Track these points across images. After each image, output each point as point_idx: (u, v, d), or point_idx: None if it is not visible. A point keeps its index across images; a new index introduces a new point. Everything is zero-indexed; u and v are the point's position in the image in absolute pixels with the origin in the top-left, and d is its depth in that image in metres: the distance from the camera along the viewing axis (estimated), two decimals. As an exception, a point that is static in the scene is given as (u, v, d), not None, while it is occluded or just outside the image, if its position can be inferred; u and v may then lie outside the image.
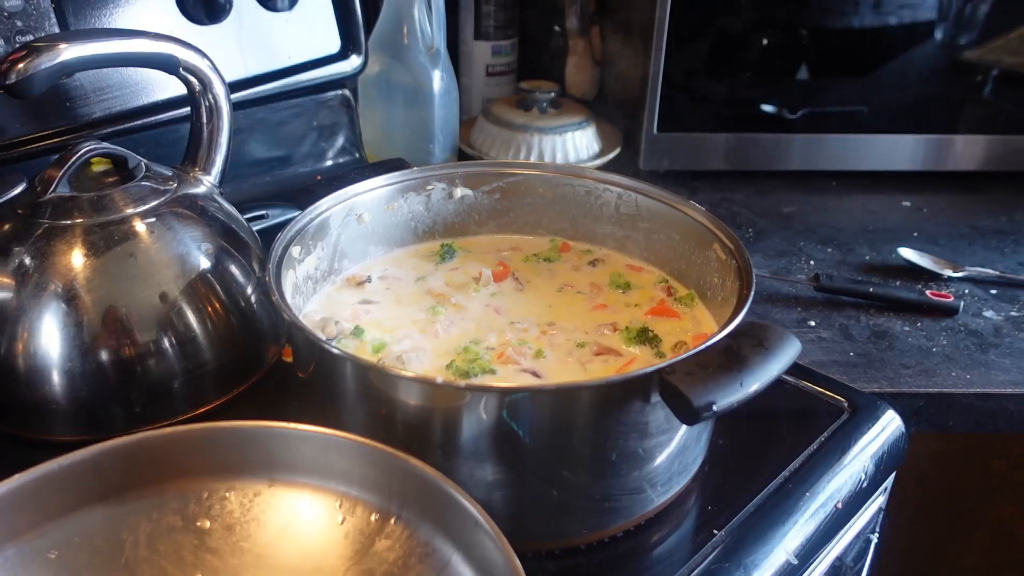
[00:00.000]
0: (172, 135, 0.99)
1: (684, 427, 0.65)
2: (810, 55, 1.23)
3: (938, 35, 1.23)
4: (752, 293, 0.66)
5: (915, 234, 1.16)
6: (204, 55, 0.82)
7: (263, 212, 1.05)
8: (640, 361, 0.72)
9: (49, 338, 0.72)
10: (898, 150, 1.28)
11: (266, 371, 0.83)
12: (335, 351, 0.62)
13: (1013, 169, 1.30)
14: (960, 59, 1.25)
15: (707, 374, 0.57)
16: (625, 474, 0.63)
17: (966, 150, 1.29)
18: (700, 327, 0.77)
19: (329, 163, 1.19)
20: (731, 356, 0.58)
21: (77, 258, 0.73)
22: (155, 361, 0.76)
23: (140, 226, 0.76)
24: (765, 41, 1.22)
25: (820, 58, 1.24)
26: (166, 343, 0.76)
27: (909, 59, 1.24)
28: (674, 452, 0.66)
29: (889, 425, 0.80)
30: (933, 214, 1.22)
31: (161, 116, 0.98)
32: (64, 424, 0.75)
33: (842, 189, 1.27)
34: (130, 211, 0.76)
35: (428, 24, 1.14)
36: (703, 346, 0.59)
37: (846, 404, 0.81)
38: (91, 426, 0.75)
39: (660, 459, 0.65)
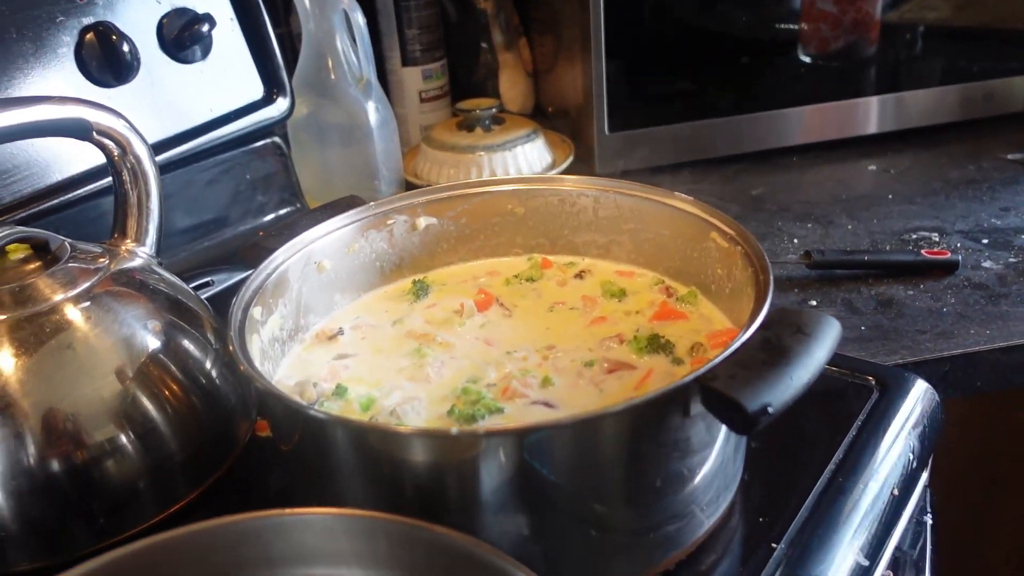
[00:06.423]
0: (93, 212, 0.90)
1: (723, 438, 0.58)
2: (747, 35, 1.22)
3: (859, 1, 1.22)
4: (772, 277, 0.60)
5: (890, 196, 1.13)
6: (118, 114, 0.73)
7: (208, 279, 0.97)
8: (659, 371, 0.65)
9: (-14, 456, 0.63)
10: (849, 115, 1.27)
11: (240, 452, 0.74)
12: (322, 416, 0.54)
13: (963, 119, 1.29)
14: (884, 20, 1.24)
15: (752, 374, 0.50)
16: (673, 500, 0.56)
17: (914, 106, 1.28)
18: (712, 325, 0.70)
19: (270, 217, 1.11)
20: (772, 350, 0.52)
21: (6, 360, 0.64)
22: (113, 462, 0.66)
23: (73, 313, 0.67)
24: (701, 28, 1.20)
25: (756, 37, 1.22)
26: (123, 440, 0.67)
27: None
28: (716, 466, 0.59)
29: (923, 396, 0.74)
30: (901, 174, 1.19)
31: (77, 192, 0.89)
32: (19, 552, 0.65)
33: (804, 163, 1.24)
34: (59, 298, 0.67)
35: (354, 55, 1.07)
36: (738, 343, 0.53)
37: (873, 382, 0.75)
38: (50, 550, 0.66)
39: (705, 476, 0.58)
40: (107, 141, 0.73)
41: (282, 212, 1.11)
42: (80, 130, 0.71)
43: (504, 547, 0.48)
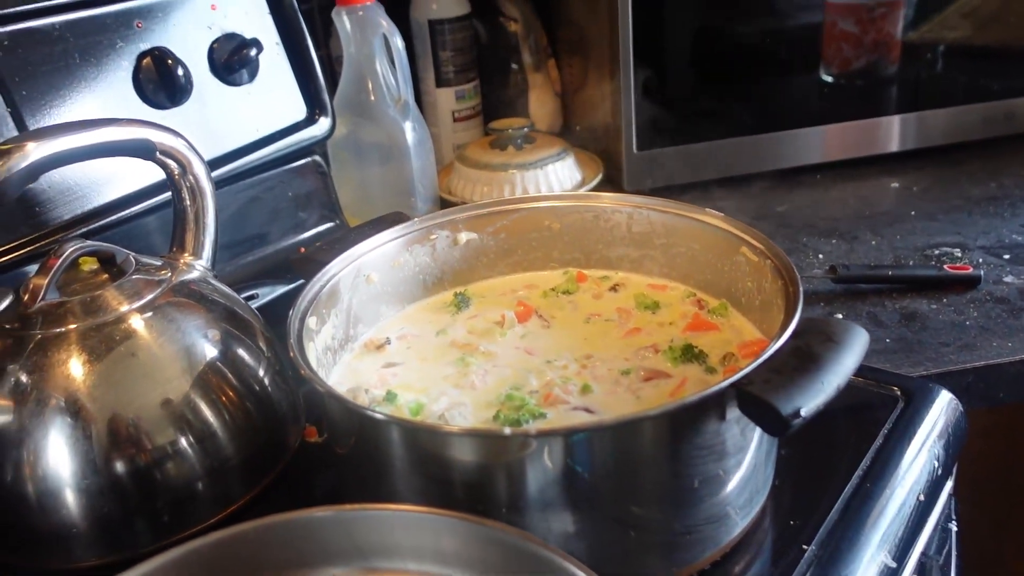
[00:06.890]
0: (144, 228, 0.94)
1: (755, 442, 0.61)
2: (770, 56, 1.24)
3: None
4: (801, 289, 0.63)
5: (912, 213, 1.15)
6: (179, 135, 0.78)
7: (252, 292, 1.01)
8: (693, 379, 0.68)
9: (58, 457, 0.67)
10: (871, 134, 1.29)
11: (291, 457, 0.78)
12: (380, 417, 0.57)
13: (982, 137, 1.31)
14: (905, 40, 1.26)
15: (785, 379, 0.53)
16: (709, 501, 0.59)
17: (935, 125, 1.30)
18: (742, 336, 0.74)
19: (310, 233, 1.14)
20: (803, 357, 0.55)
21: (76, 367, 0.68)
22: (175, 464, 0.70)
23: (138, 322, 0.71)
24: (726, 50, 1.23)
25: (779, 58, 1.25)
26: (184, 443, 0.70)
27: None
28: (750, 470, 0.62)
29: (947, 406, 0.77)
30: (923, 191, 1.22)
31: (133, 209, 0.93)
32: (85, 548, 0.69)
33: (828, 180, 1.26)
34: (125, 308, 0.71)
35: (392, 77, 1.12)
36: (772, 350, 0.56)
37: (898, 392, 0.78)
38: (115, 546, 0.69)
39: (739, 479, 0.61)
40: (169, 161, 0.77)
41: (322, 228, 1.15)
42: (145, 150, 0.75)
43: (548, 543, 0.51)
